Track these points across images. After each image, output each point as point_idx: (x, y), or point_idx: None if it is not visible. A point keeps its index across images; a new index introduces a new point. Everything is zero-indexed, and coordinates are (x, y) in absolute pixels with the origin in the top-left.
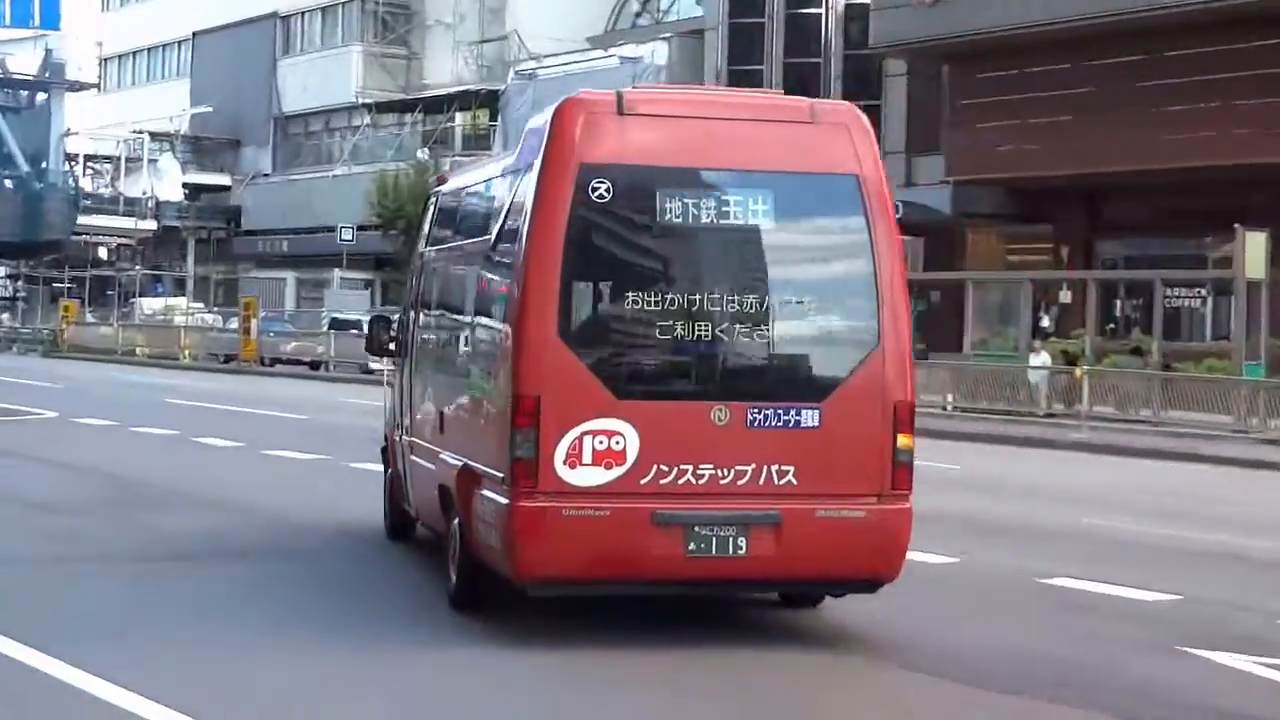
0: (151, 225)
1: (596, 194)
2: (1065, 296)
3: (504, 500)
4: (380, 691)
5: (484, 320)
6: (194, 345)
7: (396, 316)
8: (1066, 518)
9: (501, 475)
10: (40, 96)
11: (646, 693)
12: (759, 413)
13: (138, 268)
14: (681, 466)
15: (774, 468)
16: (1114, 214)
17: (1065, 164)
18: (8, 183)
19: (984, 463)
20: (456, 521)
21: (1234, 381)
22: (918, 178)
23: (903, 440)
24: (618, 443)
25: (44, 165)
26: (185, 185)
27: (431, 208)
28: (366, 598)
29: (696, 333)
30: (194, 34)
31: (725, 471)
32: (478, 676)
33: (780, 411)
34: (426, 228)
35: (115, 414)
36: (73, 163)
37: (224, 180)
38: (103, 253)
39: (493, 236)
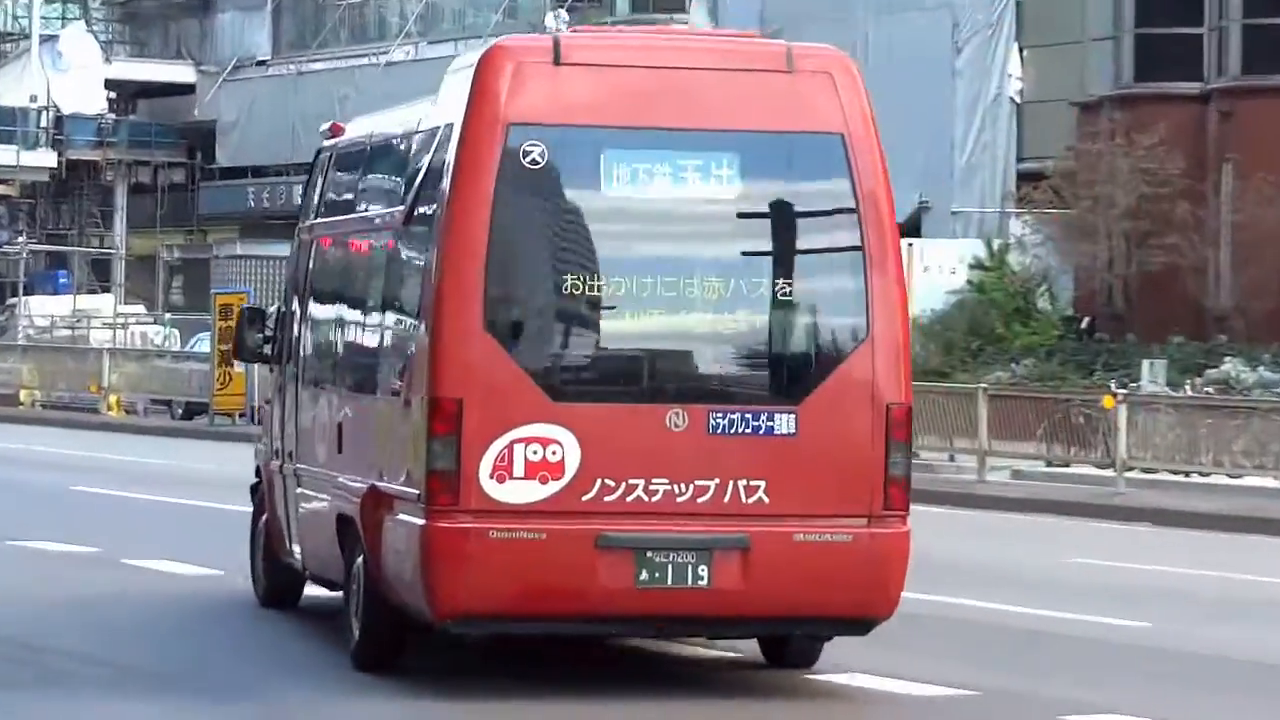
0: (47, 160)
1: (529, 159)
2: None
3: (419, 521)
4: None
5: (394, 311)
6: (128, 385)
7: (273, 310)
8: None
9: (416, 493)
10: None
11: None
12: (723, 417)
13: (21, 239)
14: (630, 481)
15: (741, 483)
16: None
17: None
18: None
19: None
20: (360, 560)
21: None
22: None
23: (897, 450)
24: (554, 453)
25: None
26: (110, 85)
27: (322, 167)
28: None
29: (647, 322)
30: None
31: (683, 487)
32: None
33: (748, 416)
34: (316, 193)
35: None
36: None
37: (182, 74)
38: None
39: (405, 208)
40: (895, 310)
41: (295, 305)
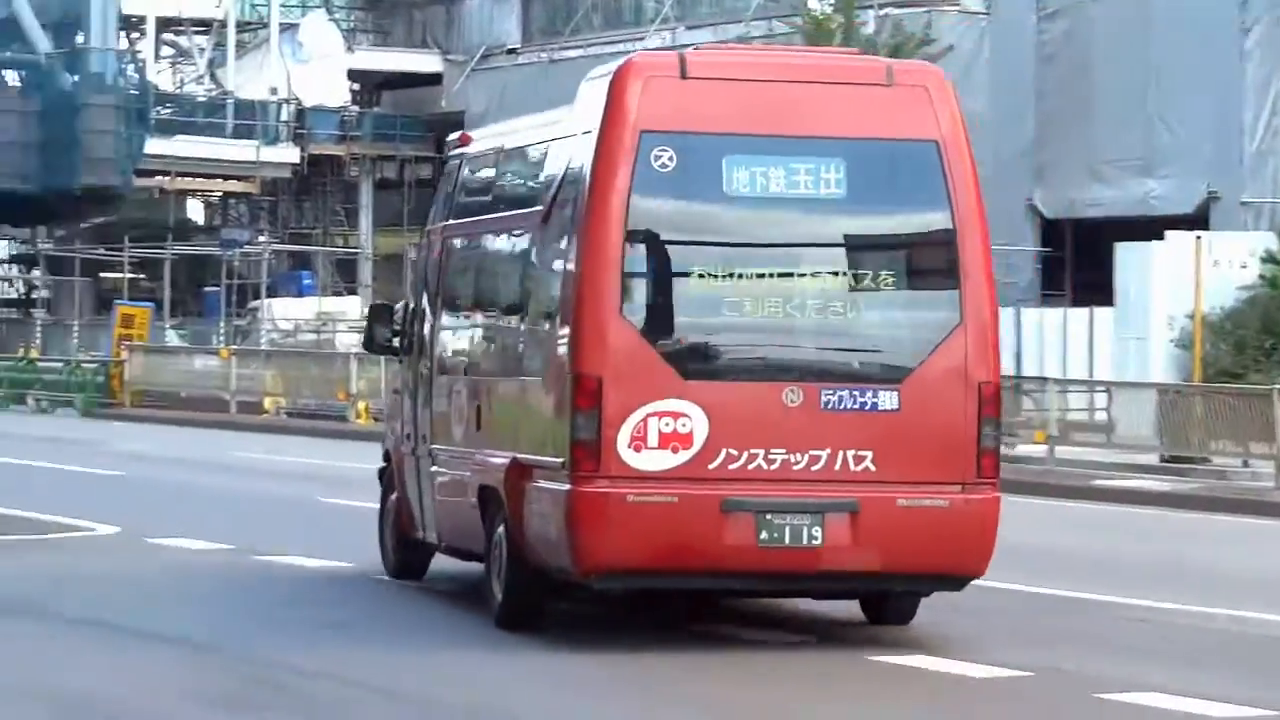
0: (289, 155)
1: (659, 163)
2: None
3: (563, 487)
4: None
5: (534, 300)
6: (377, 391)
7: (400, 305)
8: None
9: (561, 461)
10: None
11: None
12: (833, 394)
13: (262, 238)
14: (752, 450)
15: (850, 453)
16: None
17: None
18: (10, 76)
19: None
20: (502, 527)
21: None
22: None
23: (988, 424)
24: (684, 425)
25: (79, 41)
26: (353, 75)
27: (453, 173)
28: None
29: (766, 309)
30: None
31: (798, 456)
32: (548, 690)
33: (856, 393)
34: (447, 197)
35: (227, 528)
36: (135, 37)
37: (428, 64)
38: (195, 210)
39: (544, 208)
40: (985, 297)
41: (425, 301)
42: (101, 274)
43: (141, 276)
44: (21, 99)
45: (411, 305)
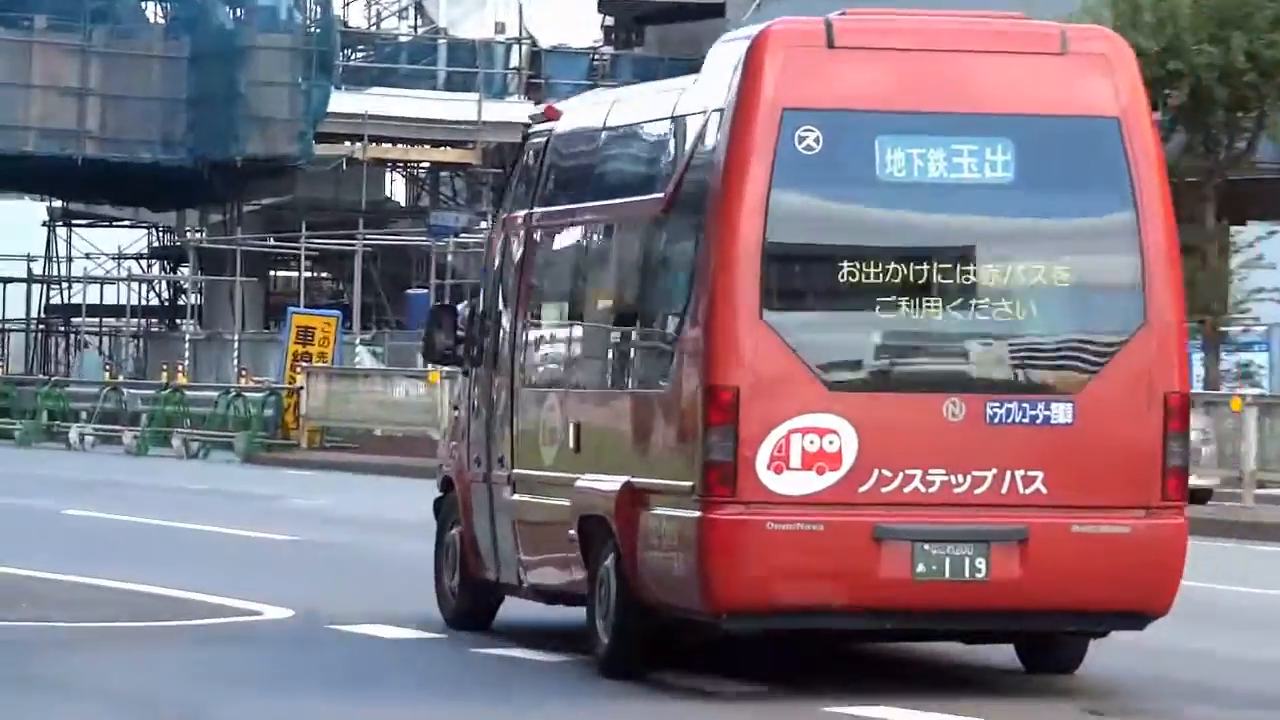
0: (520, 113)
1: (804, 145)
2: None
3: (692, 514)
4: None
5: (654, 301)
6: None
7: (462, 307)
8: None
9: (689, 485)
10: None
11: None
12: (1000, 407)
13: (484, 224)
14: (908, 471)
15: (1019, 473)
16: None
17: None
18: (152, 11)
19: None
20: (610, 560)
21: None
22: None
23: (1175, 440)
24: (831, 443)
25: None
26: (606, 7)
27: (538, 154)
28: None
29: (924, 311)
30: None
31: (960, 478)
32: None
33: (1026, 405)
34: (531, 182)
35: (435, 611)
36: None
37: None
38: (395, 189)
39: (666, 196)
40: (1170, 295)
41: (502, 302)
42: (271, 273)
43: (324, 276)
44: (167, 41)
45: (482, 308)
